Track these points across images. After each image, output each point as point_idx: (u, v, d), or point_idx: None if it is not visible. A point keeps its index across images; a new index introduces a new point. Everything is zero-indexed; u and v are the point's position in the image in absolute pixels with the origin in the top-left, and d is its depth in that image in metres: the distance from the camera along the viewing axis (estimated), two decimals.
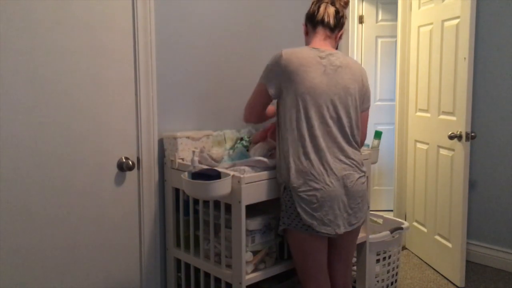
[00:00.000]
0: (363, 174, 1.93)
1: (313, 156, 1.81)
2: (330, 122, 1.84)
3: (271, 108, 2.07)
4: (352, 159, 1.89)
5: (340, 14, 1.95)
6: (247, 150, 2.15)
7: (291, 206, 1.82)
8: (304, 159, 1.81)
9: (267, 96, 1.90)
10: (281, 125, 1.88)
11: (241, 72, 2.47)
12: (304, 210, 1.80)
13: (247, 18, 2.47)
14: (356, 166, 1.90)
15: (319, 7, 1.94)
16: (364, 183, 1.94)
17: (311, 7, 1.98)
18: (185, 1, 2.20)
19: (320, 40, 1.94)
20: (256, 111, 2.01)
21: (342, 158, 1.86)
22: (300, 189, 1.80)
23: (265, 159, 1.94)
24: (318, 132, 1.82)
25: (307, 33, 2.00)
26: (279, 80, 1.85)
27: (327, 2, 1.94)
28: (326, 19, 1.93)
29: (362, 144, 2.09)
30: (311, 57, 1.85)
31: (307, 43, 1.99)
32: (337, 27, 1.95)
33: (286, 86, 1.84)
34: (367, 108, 2.02)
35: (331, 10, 1.93)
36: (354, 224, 1.91)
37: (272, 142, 2.08)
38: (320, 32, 1.94)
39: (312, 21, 1.96)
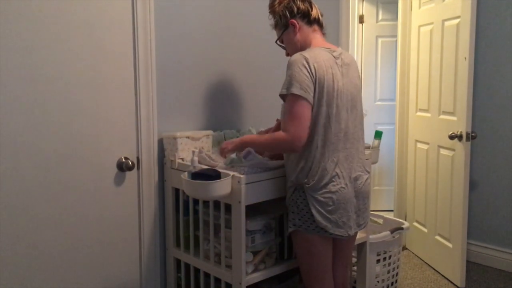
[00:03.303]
0: (369, 174, 1.93)
1: (333, 159, 1.78)
2: (349, 123, 1.83)
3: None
4: (362, 159, 1.89)
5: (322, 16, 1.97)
6: None
7: (304, 207, 1.80)
8: (325, 162, 1.77)
9: (310, 106, 1.74)
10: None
11: (241, 72, 2.47)
12: (319, 212, 1.77)
13: (249, 18, 2.46)
14: (364, 167, 1.90)
15: (310, 5, 1.90)
16: (369, 183, 1.95)
17: (298, 4, 1.88)
18: (185, 1, 2.20)
19: (322, 38, 1.92)
20: (307, 125, 1.73)
21: (355, 160, 1.85)
22: (316, 191, 1.77)
23: (265, 161, 1.94)
24: (341, 135, 1.80)
25: (299, 29, 1.89)
26: (313, 84, 1.73)
27: (313, 3, 1.92)
28: (320, 19, 1.92)
29: None
30: (330, 58, 1.80)
31: (300, 39, 1.89)
32: None
33: (317, 92, 1.74)
34: None
35: (319, 11, 1.93)
36: (362, 225, 1.91)
37: None
38: (318, 30, 1.92)
39: (308, 18, 1.89)
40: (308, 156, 1.79)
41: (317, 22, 1.91)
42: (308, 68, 1.72)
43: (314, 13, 1.90)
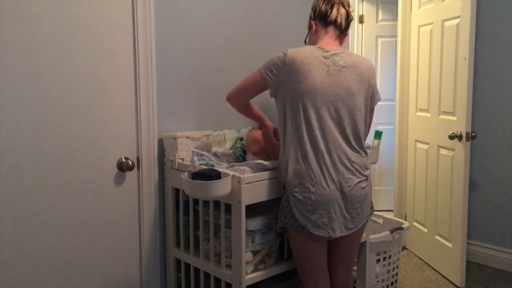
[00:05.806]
0: (364, 178, 1.89)
1: (311, 157, 1.80)
2: (331, 123, 1.82)
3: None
4: (353, 162, 1.86)
5: (350, 18, 1.96)
6: (244, 152, 2.15)
7: (288, 205, 1.83)
8: (302, 160, 1.80)
9: (260, 86, 1.90)
10: (282, 126, 1.87)
11: (241, 72, 2.45)
12: (299, 211, 1.80)
13: (248, 18, 2.46)
14: (357, 170, 1.87)
15: (331, 7, 1.91)
16: (365, 187, 1.90)
17: (321, 5, 1.94)
18: (185, 1, 2.20)
19: (331, 40, 1.92)
20: (243, 97, 1.99)
21: (342, 161, 1.84)
22: (295, 190, 1.80)
23: (265, 162, 1.94)
24: (318, 133, 1.80)
25: (315, 31, 1.96)
26: (279, 77, 1.83)
27: (339, 3, 1.92)
28: (339, 21, 1.92)
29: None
30: (314, 56, 1.83)
31: (314, 40, 1.96)
32: (346, 29, 1.96)
33: (286, 85, 1.82)
34: (373, 107, 2.01)
35: (343, 12, 1.93)
36: (352, 229, 1.89)
37: (276, 143, 2.07)
38: (331, 32, 1.93)
39: (324, 20, 1.93)
40: (283, 153, 1.85)
41: (334, 24, 1.92)
42: (281, 60, 1.83)
43: (334, 15, 1.91)
